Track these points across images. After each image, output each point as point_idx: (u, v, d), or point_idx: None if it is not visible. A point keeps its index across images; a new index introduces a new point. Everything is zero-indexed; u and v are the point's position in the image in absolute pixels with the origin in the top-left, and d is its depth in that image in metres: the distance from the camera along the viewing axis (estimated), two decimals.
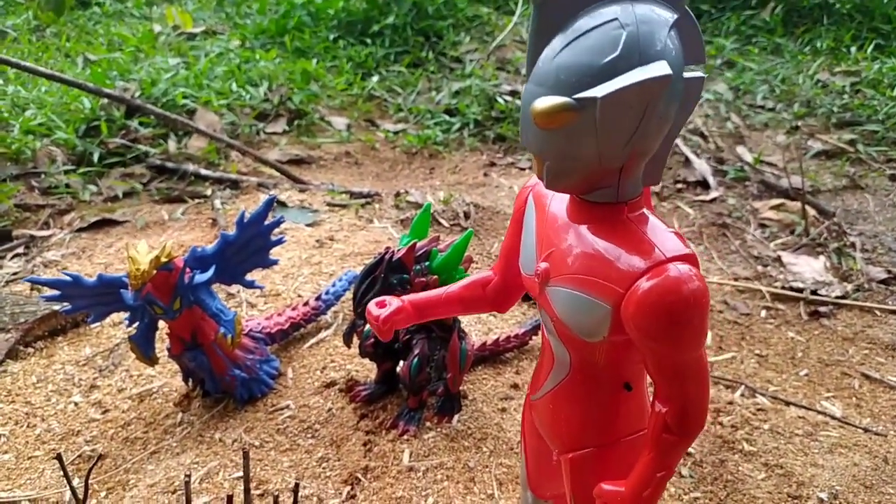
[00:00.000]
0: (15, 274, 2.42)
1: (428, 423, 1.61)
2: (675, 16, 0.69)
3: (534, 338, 1.95)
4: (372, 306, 1.06)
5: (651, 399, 0.84)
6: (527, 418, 1.07)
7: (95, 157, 3.14)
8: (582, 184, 0.78)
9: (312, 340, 1.94)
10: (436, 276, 1.51)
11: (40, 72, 3.01)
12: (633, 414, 0.92)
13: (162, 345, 1.71)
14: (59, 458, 1.10)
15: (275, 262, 1.73)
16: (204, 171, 3.16)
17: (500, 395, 1.73)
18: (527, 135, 0.76)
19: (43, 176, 3.05)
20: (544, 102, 0.68)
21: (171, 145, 3.33)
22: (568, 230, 0.84)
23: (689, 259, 0.75)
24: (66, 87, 3.50)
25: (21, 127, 3.22)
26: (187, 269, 1.57)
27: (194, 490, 1.43)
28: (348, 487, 1.44)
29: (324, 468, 1.49)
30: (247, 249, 1.67)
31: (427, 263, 1.52)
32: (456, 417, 1.63)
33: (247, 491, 1.14)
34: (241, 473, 1.47)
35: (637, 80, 0.65)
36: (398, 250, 1.49)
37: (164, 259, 1.50)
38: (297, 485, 1.16)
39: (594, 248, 0.80)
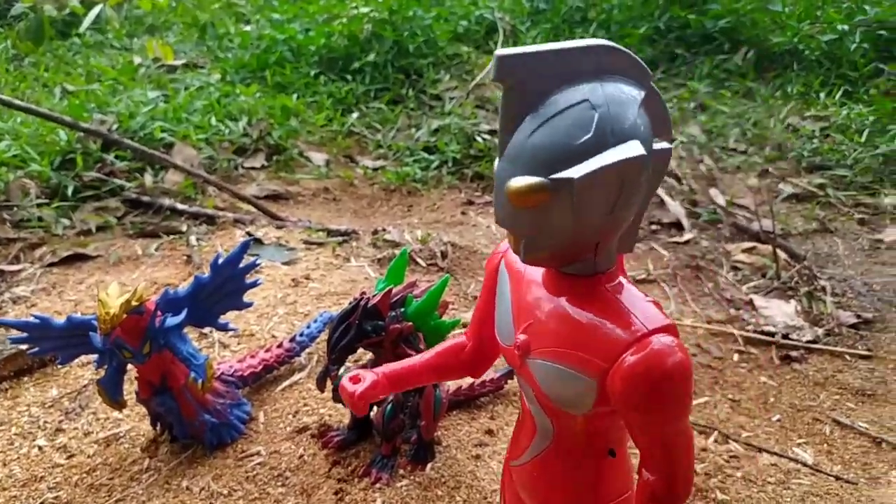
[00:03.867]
0: None
1: (401, 471, 1.59)
2: (643, 93, 0.71)
3: (509, 382, 1.94)
4: (346, 383, 1.06)
5: (637, 466, 0.84)
6: (506, 480, 1.06)
7: (70, 191, 3.11)
8: (558, 258, 0.79)
9: (286, 383, 1.92)
10: (410, 323, 1.50)
11: (15, 104, 2.99)
12: (617, 479, 0.92)
13: (130, 387, 1.68)
14: None
15: (249, 305, 1.71)
16: (180, 206, 3.14)
17: (474, 442, 1.72)
18: (501, 211, 0.76)
19: (15, 209, 3.01)
20: (519, 182, 0.70)
21: (148, 179, 3.31)
22: (546, 302, 0.85)
23: (670, 330, 0.76)
24: (41, 119, 3.47)
25: None
26: (158, 313, 1.55)
27: None
28: None
29: None
30: (221, 292, 1.65)
31: (402, 310, 1.52)
32: (430, 465, 1.61)
33: None
34: None
35: (612, 161, 0.67)
36: (373, 296, 1.49)
37: (134, 302, 1.48)
38: None
39: (575, 321, 0.81)
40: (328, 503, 1.50)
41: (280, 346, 1.94)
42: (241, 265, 1.65)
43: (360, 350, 1.54)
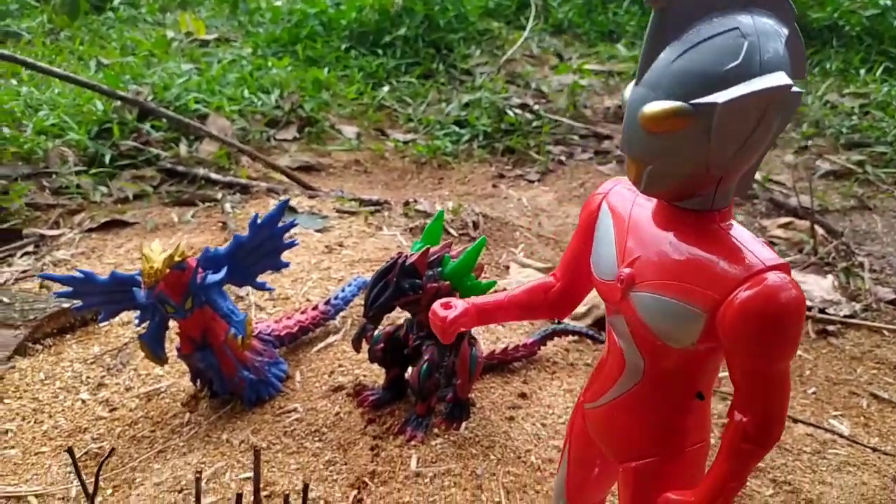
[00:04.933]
0: (24, 272, 2.43)
1: (435, 430, 1.61)
2: (787, 31, 0.71)
3: (542, 348, 1.94)
4: (438, 308, 1.07)
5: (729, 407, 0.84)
6: (576, 426, 1.07)
7: (107, 159, 3.16)
8: (680, 190, 0.79)
9: (321, 345, 1.94)
10: (448, 283, 1.51)
11: (56, 73, 3.04)
12: (700, 424, 0.92)
13: (171, 344, 1.72)
14: (69, 451, 1.09)
15: (286, 265, 1.73)
16: (214, 176, 3.18)
17: (507, 404, 1.73)
18: (630, 138, 0.76)
19: (54, 176, 3.07)
20: (657, 106, 0.70)
21: (183, 149, 3.35)
22: (656, 236, 0.84)
23: (785, 268, 0.76)
24: (78, 89, 3.53)
25: (34, 127, 3.24)
26: (199, 270, 1.58)
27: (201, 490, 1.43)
28: (355, 491, 1.44)
29: (331, 472, 1.49)
30: (259, 251, 1.67)
31: (439, 269, 1.52)
32: (464, 425, 1.63)
33: (257, 490, 1.14)
34: (248, 474, 1.47)
35: (759, 89, 0.67)
36: (411, 255, 1.50)
37: (177, 258, 1.51)
38: (306, 486, 1.15)
39: (685, 255, 0.80)
40: (364, 458, 1.52)
41: (315, 308, 1.96)
42: (279, 225, 1.67)
43: (395, 313, 1.56)
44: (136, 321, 1.65)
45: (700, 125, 0.69)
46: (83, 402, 1.73)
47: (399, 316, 1.89)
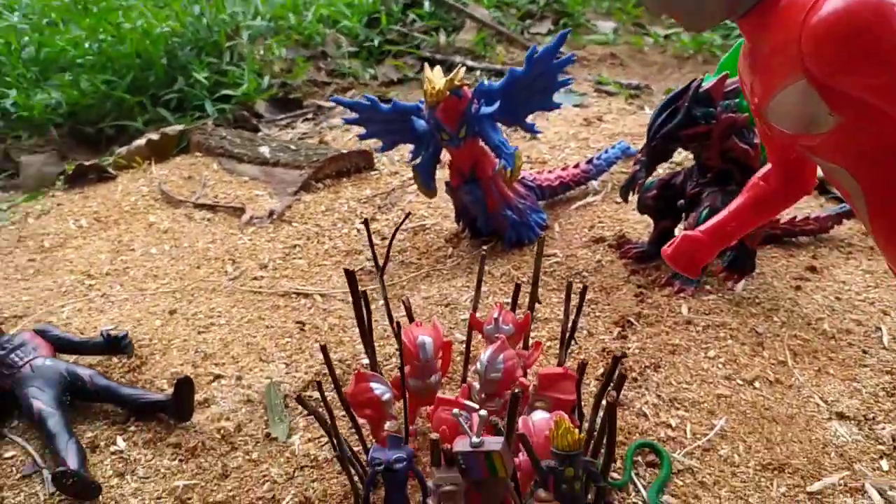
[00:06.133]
0: (305, 133, 2.68)
1: (707, 286, 1.47)
2: None
3: (836, 227, 1.69)
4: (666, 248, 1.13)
5: None
6: None
7: (375, 44, 3.33)
8: (709, 12, 0.81)
9: (579, 203, 1.88)
10: (745, 115, 1.35)
11: None
12: None
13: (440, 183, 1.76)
14: (365, 223, 1.15)
15: (557, 106, 1.67)
16: (470, 63, 3.20)
17: (793, 275, 1.53)
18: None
19: (329, 59, 3.32)
20: None
21: (442, 38, 3.42)
22: (751, 56, 0.86)
23: None
24: None
25: (313, 14, 3.51)
26: (475, 100, 1.58)
27: (463, 307, 1.46)
28: (619, 328, 1.37)
29: (593, 309, 1.44)
30: (532, 88, 1.62)
31: (736, 100, 1.36)
32: (741, 286, 1.47)
33: (535, 283, 1.12)
34: (509, 299, 1.47)
35: None
36: (706, 82, 1.35)
37: (456, 83, 1.51)
38: (584, 287, 1.11)
39: (767, 48, 0.79)
40: (629, 302, 1.44)
41: (577, 166, 1.90)
42: (556, 60, 1.60)
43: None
44: (411, 155, 1.71)
45: None
46: (357, 230, 1.86)
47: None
